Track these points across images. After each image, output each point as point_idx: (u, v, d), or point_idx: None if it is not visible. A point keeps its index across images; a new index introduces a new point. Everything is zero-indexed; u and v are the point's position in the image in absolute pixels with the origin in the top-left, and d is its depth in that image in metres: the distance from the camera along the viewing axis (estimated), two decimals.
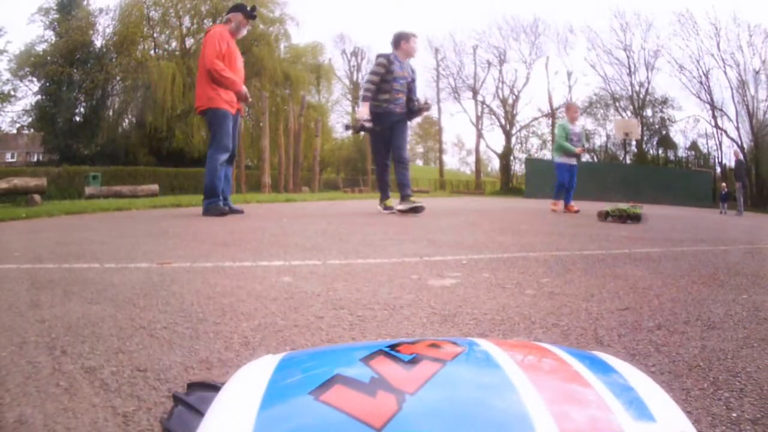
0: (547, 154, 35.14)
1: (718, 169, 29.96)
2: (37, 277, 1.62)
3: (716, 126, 31.07)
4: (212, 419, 0.34)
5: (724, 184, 17.83)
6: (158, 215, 4.63)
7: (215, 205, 4.40)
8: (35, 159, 31.81)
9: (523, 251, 2.44)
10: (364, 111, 4.93)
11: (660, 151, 33.81)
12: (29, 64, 23.85)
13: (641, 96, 33.25)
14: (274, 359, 0.41)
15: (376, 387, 0.32)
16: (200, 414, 0.40)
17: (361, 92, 5.11)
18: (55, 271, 1.74)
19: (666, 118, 33.27)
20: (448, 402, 0.31)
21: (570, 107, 7.65)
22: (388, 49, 5.14)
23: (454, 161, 68.06)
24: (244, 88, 4.56)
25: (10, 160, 37.82)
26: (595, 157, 34.91)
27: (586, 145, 7.45)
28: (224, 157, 4.46)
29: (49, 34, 24.81)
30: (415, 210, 4.81)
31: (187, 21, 25.93)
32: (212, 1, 24.94)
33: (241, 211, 4.72)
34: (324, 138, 24.87)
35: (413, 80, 5.20)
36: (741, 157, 17.06)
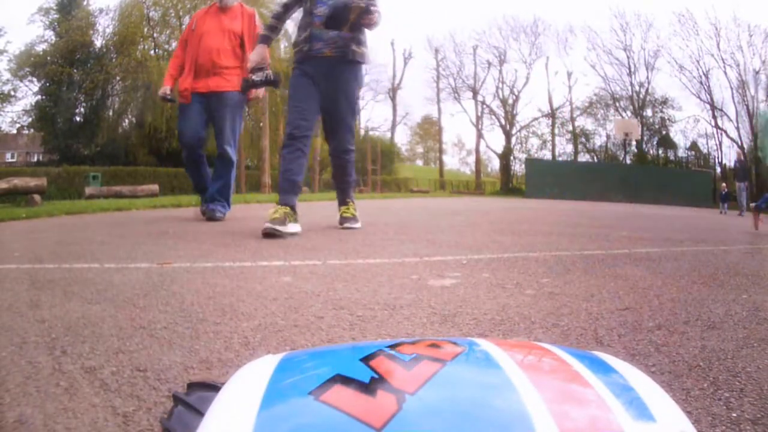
0: (547, 154, 35.16)
1: (718, 169, 29.96)
2: (37, 277, 1.62)
3: (716, 126, 31.09)
4: (212, 419, 0.34)
5: (724, 184, 17.82)
6: (158, 215, 4.63)
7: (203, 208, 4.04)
8: (35, 159, 31.81)
9: (523, 251, 2.44)
10: (255, 55, 3.22)
11: (660, 151, 33.81)
12: (29, 64, 23.85)
13: (641, 96, 33.26)
14: (274, 359, 0.41)
15: (376, 387, 0.32)
16: (200, 414, 0.40)
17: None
18: (55, 271, 1.74)
19: (666, 118, 33.30)
20: (449, 402, 0.31)
21: None
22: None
23: (454, 161, 68.01)
24: (164, 88, 3.99)
25: (10, 160, 37.81)
26: (595, 157, 34.92)
27: None
28: (184, 153, 4.07)
29: (49, 34, 24.82)
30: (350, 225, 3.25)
31: (187, 21, 25.93)
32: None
33: (215, 214, 3.88)
34: (324, 138, 24.85)
35: None
36: (742, 157, 17.04)
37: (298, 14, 3.34)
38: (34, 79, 24.58)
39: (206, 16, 4.08)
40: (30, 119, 25.34)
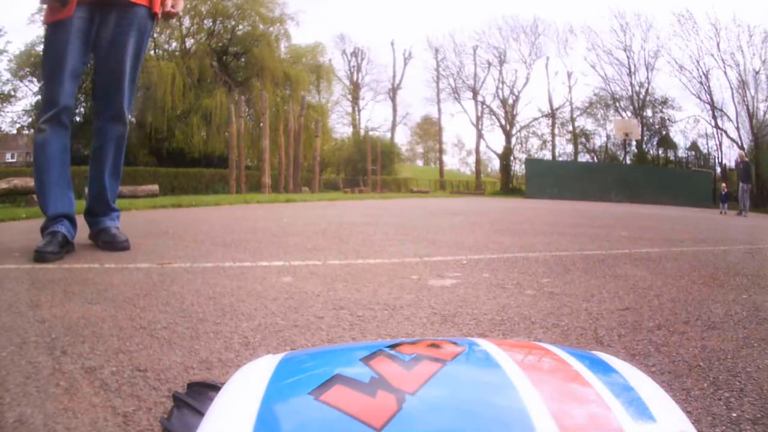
0: (546, 155, 35.18)
1: (718, 169, 29.93)
2: (37, 277, 1.62)
3: (716, 126, 31.05)
4: (212, 419, 0.34)
5: (724, 185, 17.80)
6: (158, 215, 4.63)
7: (49, 233, 2.05)
8: None
9: (524, 251, 2.44)
10: None
11: (660, 151, 33.78)
12: (29, 64, 23.85)
13: (641, 96, 33.24)
14: (274, 359, 0.41)
15: (376, 387, 0.32)
16: (200, 414, 0.41)
17: None
18: (55, 271, 1.74)
19: (666, 118, 33.26)
20: (449, 402, 0.31)
21: None
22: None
23: (454, 161, 67.89)
24: None
25: (10, 160, 37.80)
26: (595, 157, 34.93)
27: None
28: (47, 114, 2.12)
29: None
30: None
31: (187, 21, 25.88)
32: (212, 1, 24.92)
33: (120, 240, 2.25)
34: (324, 138, 24.84)
35: None
36: (744, 158, 17.00)
37: None
38: (34, 79, 24.58)
39: None
40: (30, 119, 25.33)
